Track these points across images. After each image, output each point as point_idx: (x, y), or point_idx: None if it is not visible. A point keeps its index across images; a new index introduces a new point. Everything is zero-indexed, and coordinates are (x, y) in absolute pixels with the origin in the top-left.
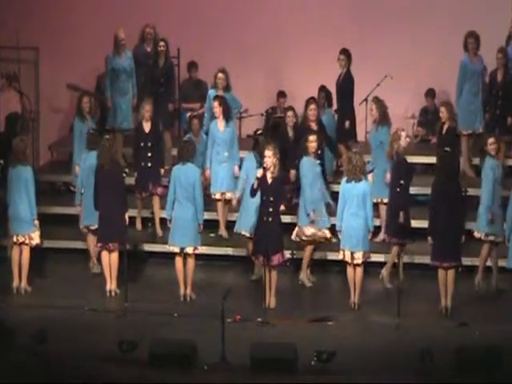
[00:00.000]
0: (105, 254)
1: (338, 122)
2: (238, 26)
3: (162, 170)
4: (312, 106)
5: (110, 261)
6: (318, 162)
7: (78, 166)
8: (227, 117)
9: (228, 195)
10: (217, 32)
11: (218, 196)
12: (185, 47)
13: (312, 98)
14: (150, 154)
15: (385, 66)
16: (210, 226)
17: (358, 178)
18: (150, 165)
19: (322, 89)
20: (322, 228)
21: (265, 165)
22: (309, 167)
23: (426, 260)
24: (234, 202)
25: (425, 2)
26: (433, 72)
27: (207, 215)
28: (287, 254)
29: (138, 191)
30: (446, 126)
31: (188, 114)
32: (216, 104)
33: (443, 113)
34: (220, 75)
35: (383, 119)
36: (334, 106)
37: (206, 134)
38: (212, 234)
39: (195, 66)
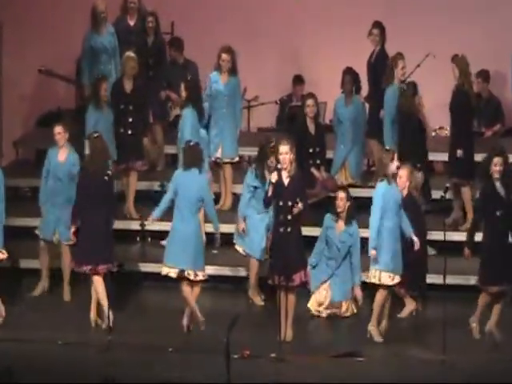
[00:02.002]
0: (97, 278)
1: (369, 112)
2: None
3: (145, 139)
4: (309, 102)
5: (99, 286)
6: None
7: None
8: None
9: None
10: (220, 3)
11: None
12: (180, 21)
13: (310, 93)
14: (130, 120)
15: (424, 43)
16: (213, 241)
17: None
18: (130, 132)
19: (348, 71)
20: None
21: (280, 165)
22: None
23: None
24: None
25: None
26: (484, 51)
27: (208, 227)
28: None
29: (114, 163)
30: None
31: (169, 104)
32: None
33: (454, 71)
34: (224, 56)
35: None
36: (364, 93)
37: (206, 127)
38: (215, 251)
39: (177, 45)
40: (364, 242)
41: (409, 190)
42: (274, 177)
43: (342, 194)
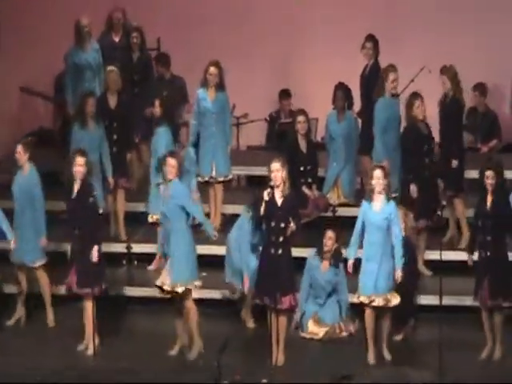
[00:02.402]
0: (89, 302)
1: (362, 128)
2: (235, 12)
3: (129, 155)
4: (300, 118)
5: (91, 309)
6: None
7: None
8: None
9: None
10: (208, 18)
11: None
12: (167, 36)
13: (301, 109)
14: (115, 137)
15: (419, 57)
16: (201, 263)
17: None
18: (114, 149)
19: (340, 87)
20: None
21: (272, 182)
22: None
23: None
24: None
25: None
26: (481, 65)
27: (199, 249)
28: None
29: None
30: (448, 98)
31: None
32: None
33: (445, 83)
34: (212, 70)
35: None
36: (356, 108)
37: (195, 146)
38: (204, 274)
39: (164, 61)
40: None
41: (405, 232)
42: (266, 195)
43: (330, 234)
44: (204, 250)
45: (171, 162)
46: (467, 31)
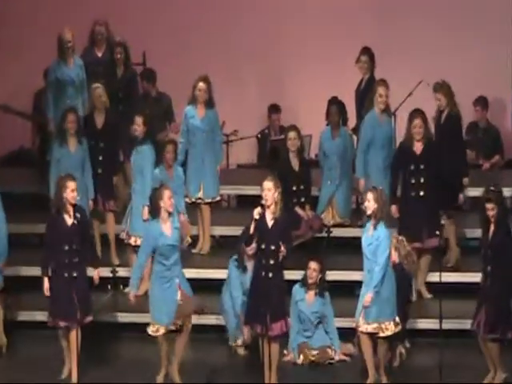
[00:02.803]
0: (74, 332)
1: (357, 145)
2: (223, 25)
3: (115, 179)
4: (291, 135)
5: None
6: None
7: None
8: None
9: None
10: (195, 32)
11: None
12: (152, 51)
13: (292, 125)
14: (101, 158)
15: (417, 71)
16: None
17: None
18: (100, 171)
19: (334, 101)
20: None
21: (264, 201)
22: None
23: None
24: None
25: None
26: (481, 79)
27: (188, 273)
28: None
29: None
30: (445, 113)
31: None
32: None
33: (440, 99)
34: (201, 85)
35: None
36: (351, 124)
37: (183, 165)
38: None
39: (150, 77)
40: (356, 285)
41: (399, 259)
42: (257, 212)
43: (313, 265)
44: (192, 273)
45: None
46: (466, 45)
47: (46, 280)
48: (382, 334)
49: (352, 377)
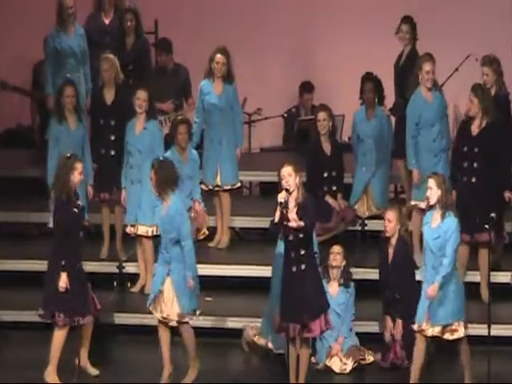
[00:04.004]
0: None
1: (396, 127)
2: None
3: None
4: (321, 115)
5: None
6: None
7: None
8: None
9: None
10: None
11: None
12: (165, 19)
13: (322, 105)
14: (113, 137)
15: (464, 43)
16: (205, 285)
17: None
18: (113, 153)
19: (368, 77)
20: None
21: (285, 186)
22: None
23: None
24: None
25: None
26: None
27: (203, 270)
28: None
29: (97, 192)
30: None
31: (159, 118)
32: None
33: (488, 75)
34: (219, 57)
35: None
36: (388, 103)
37: (198, 148)
38: (208, 299)
39: (166, 48)
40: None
41: (399, 233)
42: (282, 196)
43: (338, 249)
44: (208, 270)
45: None
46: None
47: (64, 275)
48: (449, 337)
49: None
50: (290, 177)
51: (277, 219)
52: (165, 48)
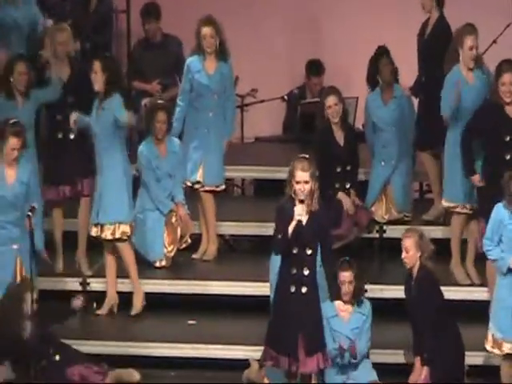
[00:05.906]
0: None
1: (419, 112)
2: None
3: None
4: (331, 100)
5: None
6: None
7: None
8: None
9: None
10: None
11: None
12: None
13: (331, 87)
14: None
15: (503, 10)
16: (187, 305)
17: None
18: (72, 137)
19: (384, 52)
20: None
21: (299, 196)
22: None
23: None
24: None
25: None
26: None
27: (186, 288)
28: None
29: (50, 186)
30: None
31: (144, 101)
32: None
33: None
34: (206, 30)
35: None
36: (407, 83)
37: (180, 137)
38: (191, 322)
39: (155, 14)
40: None
41: (420, 261)
42: (299, 211)
43: (346, 276)
44: (192, 288)
45: None
46: None
47: None
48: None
49: None
50: (306, 184)
51: (290, 234)
52: (152, 15)
